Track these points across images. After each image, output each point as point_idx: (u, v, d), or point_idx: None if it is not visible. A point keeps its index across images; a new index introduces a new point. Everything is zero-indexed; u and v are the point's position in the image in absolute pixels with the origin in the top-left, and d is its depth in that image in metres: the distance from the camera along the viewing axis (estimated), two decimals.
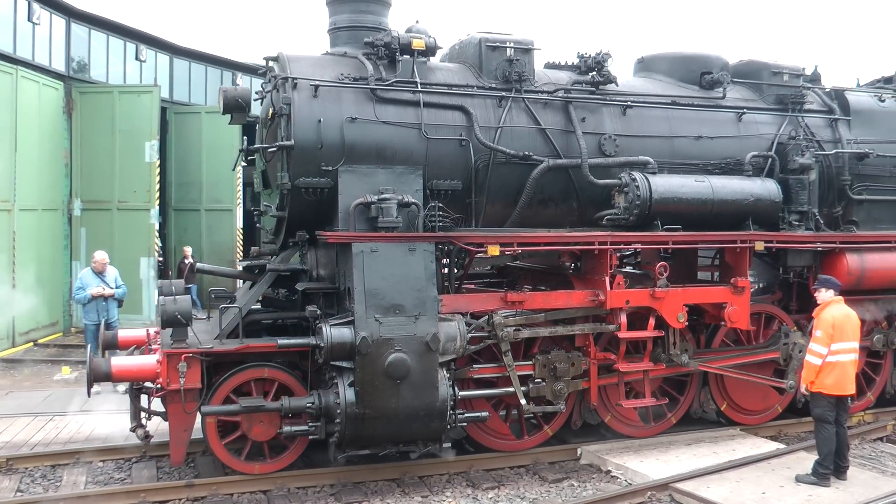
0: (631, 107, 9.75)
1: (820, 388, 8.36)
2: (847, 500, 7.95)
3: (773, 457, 9.19)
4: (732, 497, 7.95)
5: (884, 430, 10.57)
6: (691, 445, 9.67)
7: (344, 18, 9.30)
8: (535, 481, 8.79)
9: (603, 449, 9.41)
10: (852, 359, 8.43)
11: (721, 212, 9.49)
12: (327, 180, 8.37)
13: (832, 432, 8.40)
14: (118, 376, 8.03)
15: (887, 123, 11.15)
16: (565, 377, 9.12)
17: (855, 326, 8.53)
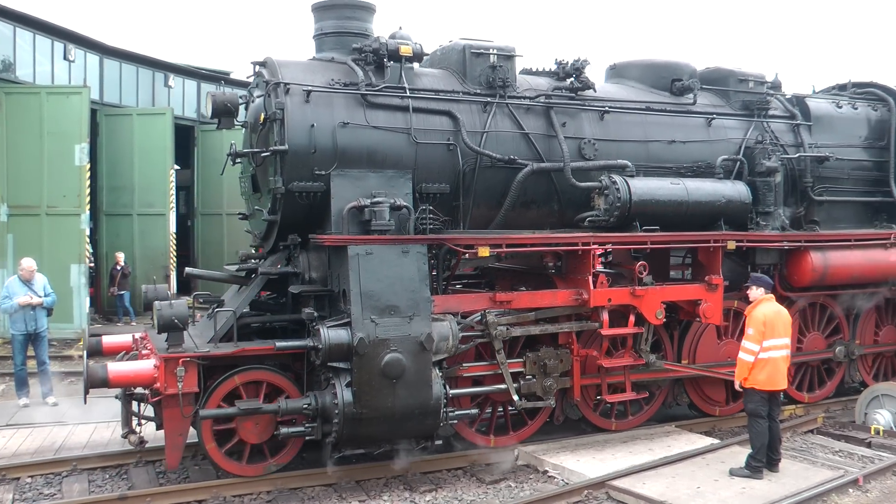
0: (608, 112, 10.08)
1: (753, 384, 8.55)
2: (779, 492, 8.13)
3: (708, 451, 9.36)
4: (668, 492, 8.07)
5: (814, 423, 10.86)
6: (627, 443, 9.82)
7: (330, 24, 9.43)
8: (473, 483, 8.79)
9: (539, 449, 9.45)
10: (784, 355, 8.63)
11: (695, 213, 9.88)
12: (320, 184, 8.49)
13: (765, 426, 8.60)
14: (115, 382, 7.99)
15: (844, 129, 11.73)
16: (554, 373, 9.40)
17: (786, 323, 8.73)
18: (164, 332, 8.03)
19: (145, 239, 21.35)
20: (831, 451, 9.93)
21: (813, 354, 11.49)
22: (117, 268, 19.96)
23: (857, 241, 11.09)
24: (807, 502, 7.92)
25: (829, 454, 9.78)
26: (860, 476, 8.53)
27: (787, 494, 8.00)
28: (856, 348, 11.78)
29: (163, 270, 21.68)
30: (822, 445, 10.15)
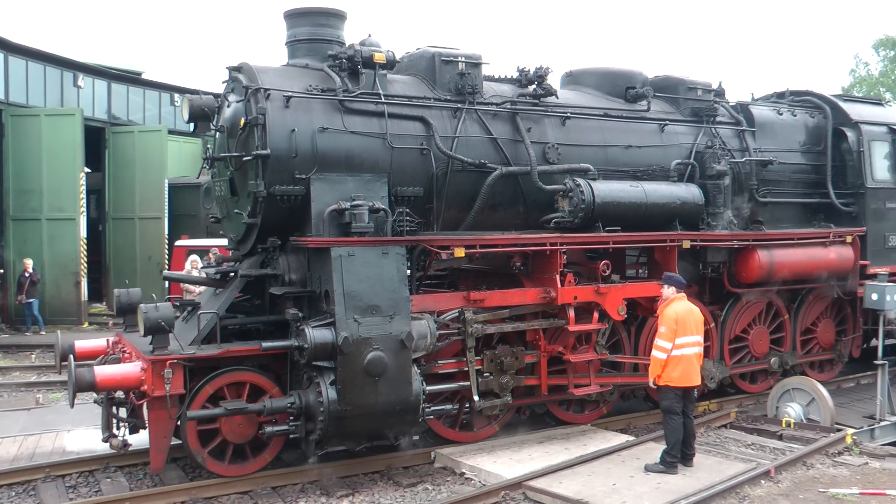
0: (570, 118, 10.50)
1: (667, 381, 8.71)
2: (693, 486, 8.24)
3: (623, 449, 9.52)
4: (584, 490, 8.13)
5: (728, 418, 11.13)
6: (543, 443, 9.87)
7: (304, 31, 9.61)
8: (390, 486, 8.77)
9: (457, 451, 9.48)
10: (696, 352, 8.78)
11: (653, 214, 10.39)
12: (301, 188, 8.67)
13: (679, 422, 8.74)
14: (103, 385, 8.05)
15: (785, 134, 12.44)
16: (510, 370, 9.72)
17: (698, 321, 8.91)
18: (150, 334, 8.10)
19: (55, 244, 21.18)
20: (744, 444, 10.19)
21: (749, 366, 12.15)
22: (25, 275, 19.57)
23: (800, 239, 11.80)
24: (720, 495, 8.04)
25: (742, 447, 10.05)
26: (772, 468, 8.76)
27: (701, 488, 8.12)
28: (790, 358, 12.43)
29: (73, 277, 21.50)
30: (735, 439, 10.42)
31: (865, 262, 12.33)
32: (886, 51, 65.83)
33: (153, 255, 23.89)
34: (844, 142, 12.65)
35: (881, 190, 12.69)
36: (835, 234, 12.09)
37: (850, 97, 14.42)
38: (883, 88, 62.00)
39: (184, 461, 9.31)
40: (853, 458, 9.46)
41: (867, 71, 67.21)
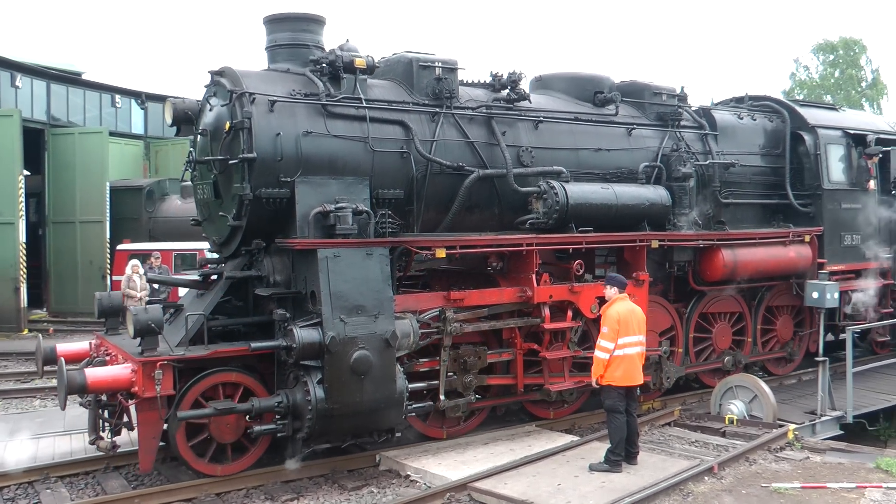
0: (542, 121, 10.80)
1: (610, 380, 8.77)
2: (637, 483, 8.31)
3: (568, 449, 9.54)
4: (529, 491, 8.15)
5: (671, 416, 11.19)
6: (488, 444, 9.90)
7: (284, 36, 9.75)
8: (335, 490, 8.71)
9: (402, 454, 9.47)
10: (638, 351, 8.86)
11: (623, 215, 10.74)
12: (286, 191, 8.82)
13: (623, 421, 8.80)
14: (93, 387, 8.11)
15: (745, 138, 12.91)
16: (473, 370, 9.91)
17: (640, 321, 8.98)
18: (140, 336, 8.19)
19: None
20: (688, 441, 10.32)
21: (704, 365, 12.47)
22: None
23: (761, 239, 12.27)
24: (664, 492, 8.10)
25: (685, 445, 10.18)
26: (715, 464, 8.85)
27: (645, 486, 8.18)
28: (742, 358, 12.81)
29: (12, 283, 21.28)
30: (678, 437, 10.51)
31: (823, 261, 12.83)
32: (826, 55, 67.59)
33: (94, 259, 23.73)
34: (802, 145, 13.16)
35: (837, 191, 13.23)
36: (794, 233, 12.59)
37: (806, 102, 14.97)
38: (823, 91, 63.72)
39: (127, 469, 9.28)
40: (795, 453, 9.66)
41: (807, 75, 68.98)
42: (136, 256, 18.30)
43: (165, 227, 23.70)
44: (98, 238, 23.72)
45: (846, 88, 65.12)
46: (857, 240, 13.28)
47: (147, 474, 8.78)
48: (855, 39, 67.47)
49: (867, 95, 65.50)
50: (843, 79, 66.04)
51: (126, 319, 8.50)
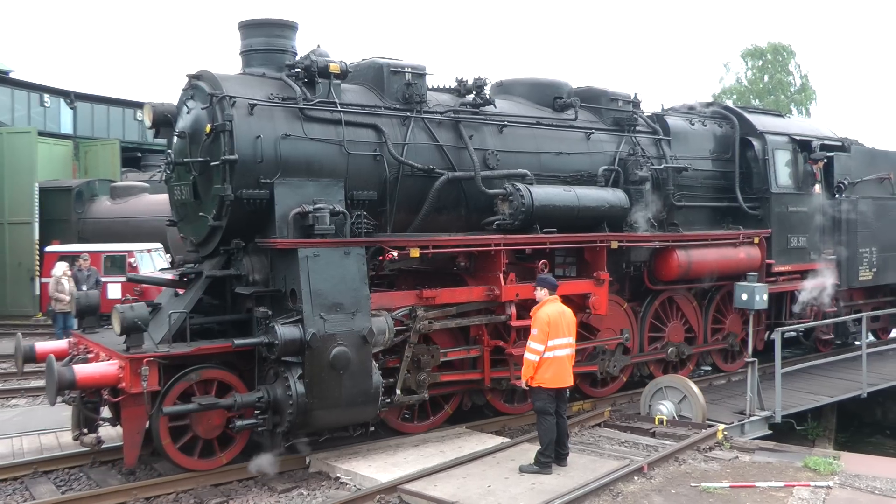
0: (507, 126, 11.21)
1: (540, 382, 8.77)
2: (567, 484, 8.31)
3: (498, 450, 9.56)
4: (459, 493, 8.13)
5: (601, 417, 11.33)
6: (419, 446, 9.88)
7: (259, 42, 10.01)
8: (265, 493, 8.69)
9: (331, 455, 9.44)
10: (568, 353, 8.88)
11: (584, 216, 11.20)
12: (265, 192, 9.08)
13: (552, 423, 8.81)
14: (82, 383, 8.26)
15: (697, 143, 13.51)
16: (427, 368, 10.19)
17: (569, 323, 9.00)
18: (126, 333, 8.38)
19: None
20: (618, 442, 10.40)
21: (648, 355, 12.85)
22: None
23: (713, 240, 12.87)
24: (594, 493, 8.13)
25: (615, 445, 10.24)
26: (645, 464, 8.91)
27: (575, 487, 8.19)
28: (685, 349, 13.27)
29: None
30: (609, 438, 10.59)
31: (771, 261, 13.50)
32: (755, 60, 69.25)
33: (23, 261, 23.54)
34: (750, 150, 13.81)
35: (784, 195, 13.89)
36: (744, 235, 13.21)
37: (754, 109, 15.65)
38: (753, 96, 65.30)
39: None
40: (724, 453, 9.80)
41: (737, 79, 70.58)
42: (65, 258, 18.28)
43: (95, 228, 23.69)
44: (27, 239, 23.55)
45: (775, 93, 66.81)
46: (804, 241, 13.96)
47: (132, 469, 8.95)
48: (784, 45, 69.24)
49: (796, 100, 67.26)
50: (772, 84, 67.70)
51: (112, 317, 8.66)
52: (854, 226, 14.56)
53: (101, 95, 34.69)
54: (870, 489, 8.65)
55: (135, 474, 9.10)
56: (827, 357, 14.33)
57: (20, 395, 13.62)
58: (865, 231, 14.68)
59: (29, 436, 10.76)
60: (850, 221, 14.57)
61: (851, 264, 14.54)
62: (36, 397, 13.42)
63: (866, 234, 14.70)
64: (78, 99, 32.80)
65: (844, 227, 14.54)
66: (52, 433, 10.85)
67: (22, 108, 28.88)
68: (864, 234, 14.66)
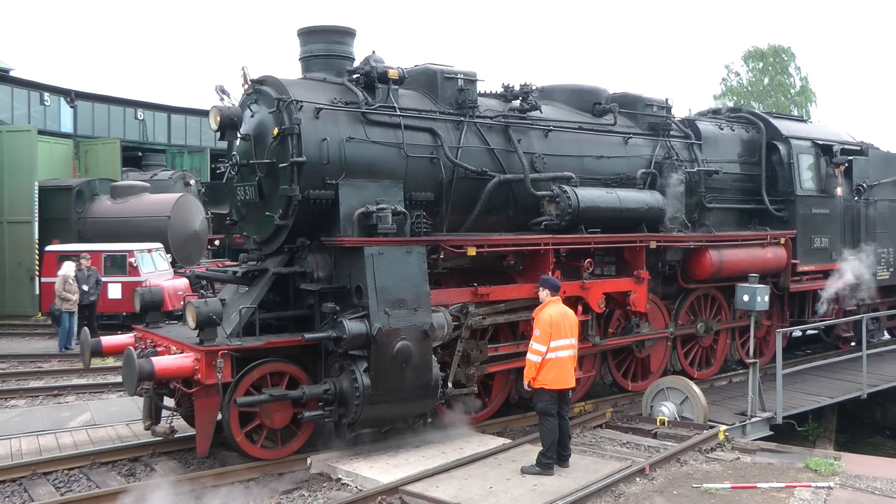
0: (552, 130, 11.63)
1: (542, 383, 8.76)
2: (569, 486, 8.30)
3: (500, 451, 9.52)
4: (461, 494, 8.09)
5: (603, 418, 11.36)
6: (420, 448, 9.80)
7: (319, 48, 10.38)
8: (265, 494, 8.64)
9: (333, 457, 9.39)
10: (570, 354, 8.86)
11: (625, 217, 11.64)
12: (331, 192, 9.46)
13: (555, 424, 8.80)
14: (160, 375, 8.61)
15: (726, 147, 13.97)
16: (476, 362, 10.57)
17: (572, 324, 8.98)
18: (201, 327, 8.73)
19: None
20: (619, 443, 10.41)
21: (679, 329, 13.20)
22: None
23: (743, 241, 13.32)
24: (596, 494, 8.13)
25: (617, 447, 10.25)
26: (647, 465, 8.93)
27: (577, 488, 8.18)
28: (714, 325, 13.68)
29: None
30: (610, 439, 10.61)
31: (796, 261, 13.97)
32: (755, 62, 69.87)
33: (23, 260, 23.61)
34: (776, 154, 14.29)
35: (808, 197, 14.39)
36: (771, 236, 13.69)
37: (779, 114, 16.12)
38: (753, 98, 65.92)
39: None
40: (725, 454, 9.85)
41: (738, 81, 71.18)
42: (66, 258, 18.44)
43: (95, 227, 23.71)
44: (26, 239, 23.63)
45: (776, 95, 67.40)
46: (826, 242, 14.47)
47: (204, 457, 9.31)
48: (784, 47, 69.78)
49: (796, 102, 67.89)
50: (772, 85, 68.25)
51: (186, 311, 9.02)
52: (873, 227, 15.04)
53: (101, 94, 34.82)
54: (870, 489, 8.72)
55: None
56: (827, 358, 14.52)
57: (19, 395, 13.59)
58: (883, 232, 15.17)
59: (28, 437, 10.82)
60: (870, 223, 15.05)
61: (871, 264, 15.01)
62: (35, 398, 13.48)
63: (884, 235, 15.19)
64: (78, 97, 32.80)
65: (864, 229, 15.01)
66: (50, 434, 10.94)
67: (22, 106, 28.95)
68: (882, 235, 15.15)
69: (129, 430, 11.10)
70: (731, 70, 72.48)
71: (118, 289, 19.71)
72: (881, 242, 15.13)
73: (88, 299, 18.13)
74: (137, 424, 10.71)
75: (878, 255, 15.08)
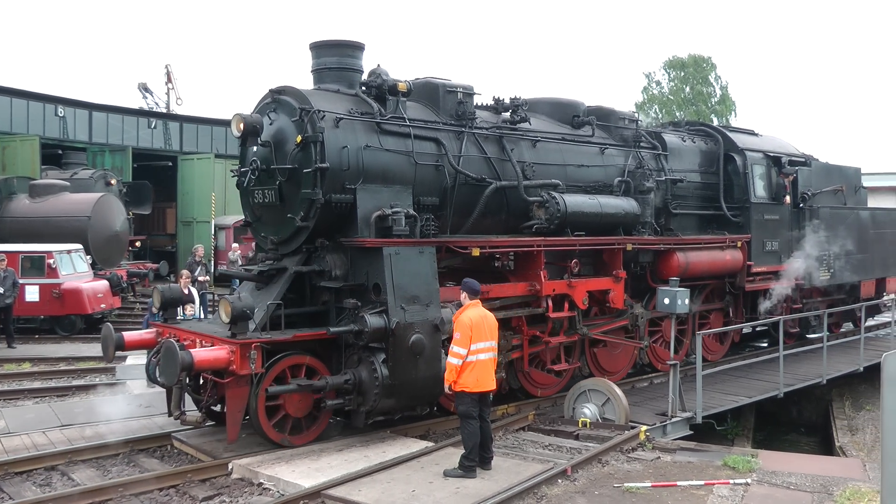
0: (539, 141, 12.57)
1: (463, 386, 8.82)
2: (492, 488, 8.34)
3: (423, 455, 9.56)
4: (383, 498, 8.11)
5: (526, 420, 11.55)
6: (343, 451, 9.81)
7: (332, 61, 11.08)
8: (186, 500, 8.59)
9: (254, 462, 9.34)
10: (490, 357, 8.93)
11: (605, 222, 12.66)
12: (350, 196, 10.19)
13: (476, 427, 8.86)
14: (199, 365, 9.17)
15: (688, 158, 15.16)
16: (504, 350, 11.56)
17: (492, 327, 9.06)
18: (236, 321, 9.37)
19: None
20: (542, 445, 10.48)
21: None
22: None
23: (706, 244, 14.48)
24: (518, 496, 8.20)
25: (539, 449, 10.33)
26: (568, 466, 9.02)
27: (499, 490, 8.24)
28: None
29: None
30: (533, 441, 10.68)
31: (751, 263, 15.21)
32: (677, 71, 71.87)
33: None
34: (732, 164, 15.53)
35: (761, 205, 15.66)
36: (730, 239, 14.90)
37: (733, 128, 17.36)
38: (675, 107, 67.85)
39: None
40: (646, 454, 10.03)
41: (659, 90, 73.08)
42: None
43: (12, 227, 23.34)
44: None
45: (697, 104, 69.51)
46: (777, 246, 15.75)
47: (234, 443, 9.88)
48: (704, 57, 71.85)
49: (717, 111, 70.06)
50: (693, 94, 70.36)
51: (220, 306, 9.63)
52: (816, 231, 16.39)
53: (20, 89, 33.63)
54: (785, 485, 9.04)
55: None
56: (746, 359, 15.08)
57: None
58: (825, 237, 16.53)
59: None
60: (813, 228, 16.41)
61: (813, 266, 16.38)
62: None
63: (825, 240, 16.55)
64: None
65: (808, 234, 16.35)
66: None
67: None
68: (822, 240, 16.51)
69: (45, 437, 10.80)
70: (653, 79, 74.15)
71: (36, 291, 19.33)
72: (822, 246, 16.49)
73: (4, 302, 17.90)
74: (54, 432, 10.97)
75: (820, 257, 16.44)
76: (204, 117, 38.04)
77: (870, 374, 15.45)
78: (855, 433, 15.25)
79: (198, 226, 33.82)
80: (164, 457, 10.15)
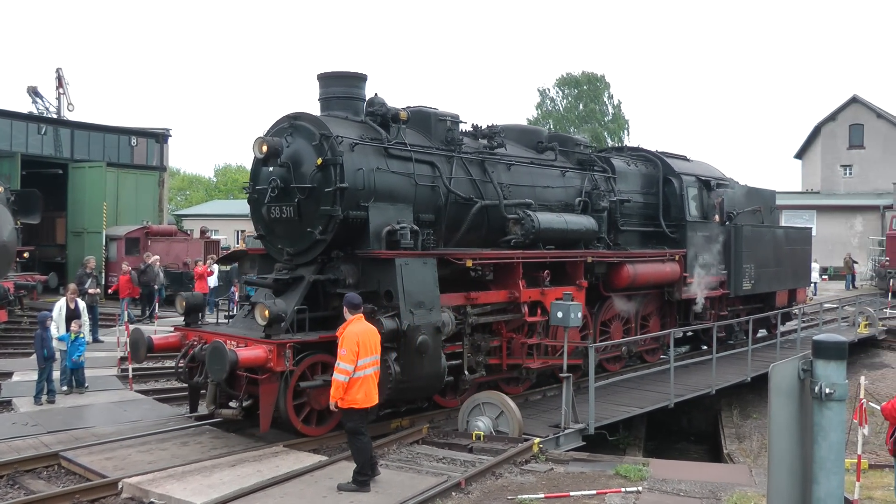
0: (514, 164, 14.11)
1: (352, 402, 8.80)
2: (385, 502, 8.42)
3: (316, 469, 9.60)
4: None
5: (420, 434, 11.70)
6: (235, 466, 9.78)
7: (339, 90, 12.39)
8: None
9: (145, 480, 9.17)
10: (374, 371, 9.04)
11: (570, 237, 14.29)
12: (364, 213, 11.48)
13: (366, 442, 8.96)
14: (243, 363, 10.29)
15: (632, 180, 16.99)
16: (485, 351, 13.02)
17: (375, 342, 9.15)
18: (272, 324, 10.52)
19: None
20: (436, 458, 10.52)
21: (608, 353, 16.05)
22: None
23: (651, 257, 16.28)
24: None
25: (433, 462, 10.37)
26: (462, 479, 9.10)
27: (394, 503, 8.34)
28: (633, 347, 16.64)
29: None
30: (427, 454, 10.75)
31: (686, 274, 17.09)
32: (570, 88, 74.32)
33: None
34: (669, 187, 17.42)
35: (695, 223, 17.61)
36: (669, 253, 16.75)
37: (669, 154, 19.22)
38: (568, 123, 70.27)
39: None
40: (539, 465, 10.20)
41: (553, 106, 75.35)
42: None
43: None
44: None
45: (591, 121, 71.94)
46: (708, 259, 17.67)
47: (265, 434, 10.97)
48: (597, 75, 74.39)
49: (610, 129, 72.70)
50: (586, 112, 72.77)
51: (256, 309, 10.76)
52: (740, 247, 18.45)
53: None
54: (675, 491, 9.33)
55: None
56: (637, 371, 15.94)
57: None
58: (747, 251, 18.62)
59: None
60: (737, 244, 18.46)
61: (737, 277, 18.43)
62: None
63: (747, 254, 18.64)
64: None
65: (732, 249, 18.40)
66: None
67: None
68: (745, 254, 18.59)
69: None
70: (547, 95, 76.22)
71: None
72: (745, 260, 18.57)
73: None
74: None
75: (744, 269, 18.51)
76: (97, 124, 36.10)
77: (757, 383, 16.09)
78: (742, 441, 16.17)
79: (89, 236, 32.51)
80: (50, 477, 9.87)
